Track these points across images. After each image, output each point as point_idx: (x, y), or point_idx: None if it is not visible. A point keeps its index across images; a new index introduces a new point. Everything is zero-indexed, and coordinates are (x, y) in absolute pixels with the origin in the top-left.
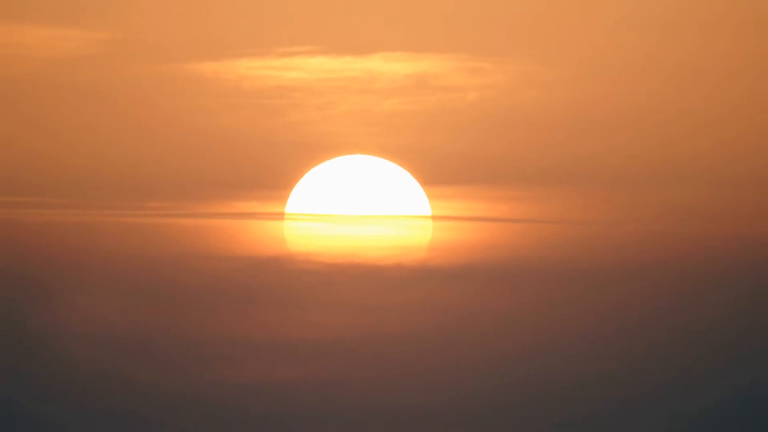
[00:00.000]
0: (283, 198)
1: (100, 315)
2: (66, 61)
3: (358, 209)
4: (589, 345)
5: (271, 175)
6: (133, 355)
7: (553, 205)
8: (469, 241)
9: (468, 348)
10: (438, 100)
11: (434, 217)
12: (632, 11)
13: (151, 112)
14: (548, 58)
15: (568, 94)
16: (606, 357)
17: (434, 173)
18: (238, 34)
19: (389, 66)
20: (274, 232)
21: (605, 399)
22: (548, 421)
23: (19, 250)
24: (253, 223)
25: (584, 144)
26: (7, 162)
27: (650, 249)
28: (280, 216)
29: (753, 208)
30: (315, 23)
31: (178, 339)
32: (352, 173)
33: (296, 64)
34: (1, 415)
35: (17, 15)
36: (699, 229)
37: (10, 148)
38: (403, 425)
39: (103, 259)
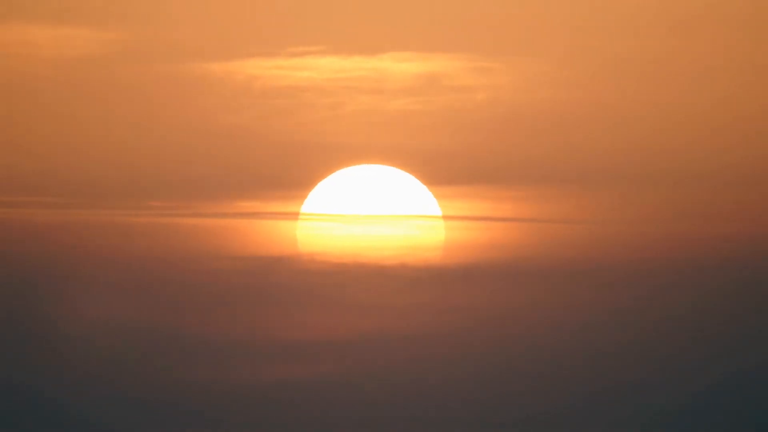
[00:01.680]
0: (294, 197)
1: (108, 316)
2: (74, 61)
3: (371, 210)
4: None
5: (281, 174)
6: (139, 355)
7: (563, 205)
8: (480, 240)
9: (473, 346)
10: (447, 99)
11: (445, 217)
12: (643, 11)
13: (161, 111)
14: (557, 58)
15: (578, 94)
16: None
17: (443, 173)
18: (248, 34)
19: (399, 66)
20: (286, 232)
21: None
22: (552, 414)
23: (31, 250)
24: (263, 222)
25: (593, 144)
26: (14, 161)
27: (658, 248)
28: (294, 216)
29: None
30: (325, 23)
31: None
32: (366, 177)
33: (306, 63)
34: (2, 414)
35: (24, 15)
36: (702, 229)
37: (15, 148)
38: (410, 423)
39: (111, 259)
